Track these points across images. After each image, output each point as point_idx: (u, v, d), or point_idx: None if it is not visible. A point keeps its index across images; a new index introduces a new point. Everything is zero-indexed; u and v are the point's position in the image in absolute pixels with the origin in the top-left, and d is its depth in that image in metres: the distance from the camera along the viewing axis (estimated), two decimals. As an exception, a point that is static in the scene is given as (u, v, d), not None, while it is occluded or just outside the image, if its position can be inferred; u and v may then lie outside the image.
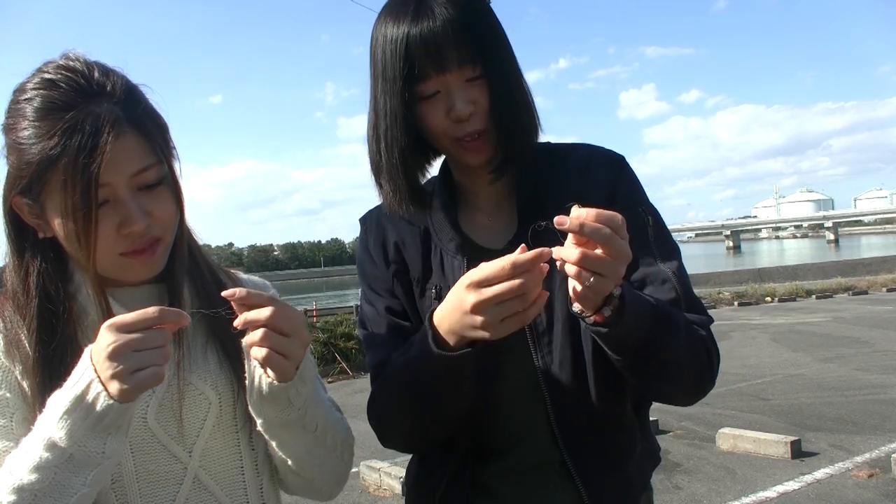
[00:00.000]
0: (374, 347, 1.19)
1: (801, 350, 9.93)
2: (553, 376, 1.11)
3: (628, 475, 1.15)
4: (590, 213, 0.83)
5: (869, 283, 19.88)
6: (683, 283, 1.11)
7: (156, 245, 0.99)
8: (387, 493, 5.04)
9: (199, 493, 1.02)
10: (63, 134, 0.89)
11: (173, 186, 1.01)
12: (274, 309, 0.88)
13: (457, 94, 1.06)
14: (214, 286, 1.10)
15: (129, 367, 0.80)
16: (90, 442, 0.83)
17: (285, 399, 0.96)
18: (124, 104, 0.94)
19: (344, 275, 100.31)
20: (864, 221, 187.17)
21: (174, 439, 1.00)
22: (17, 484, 0.82)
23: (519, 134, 1.11)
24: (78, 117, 0.90)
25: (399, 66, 1.05)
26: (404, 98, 1.07)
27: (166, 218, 0.99)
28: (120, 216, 0.93)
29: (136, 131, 0.94)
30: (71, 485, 0.83)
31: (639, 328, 0.95)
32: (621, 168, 1.19)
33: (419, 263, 1.19)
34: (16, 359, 0.96)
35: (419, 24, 1.03)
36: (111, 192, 0.92)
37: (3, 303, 1.00)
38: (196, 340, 1.07)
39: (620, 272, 0.87)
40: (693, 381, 1.09)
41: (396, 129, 1.09)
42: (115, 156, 0.90)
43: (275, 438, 1.02)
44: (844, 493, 4.47)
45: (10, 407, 0.94)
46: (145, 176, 0.95)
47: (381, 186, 1.16)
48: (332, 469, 1.11)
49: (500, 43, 1.10)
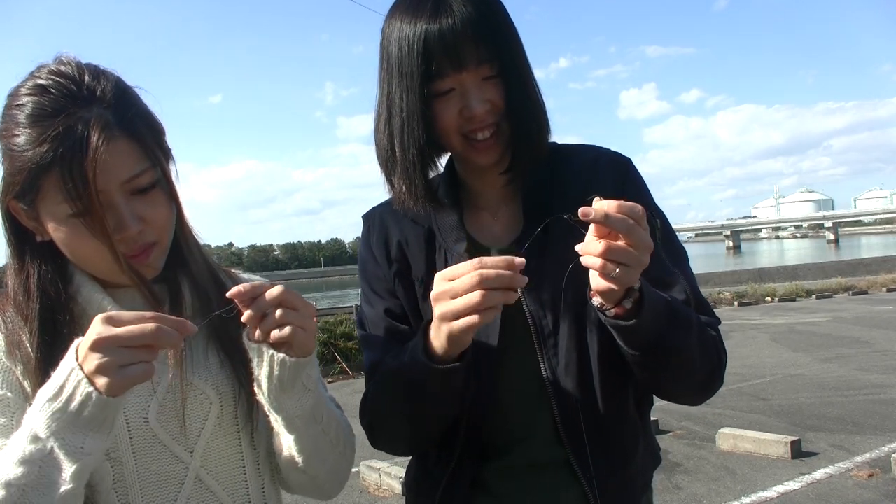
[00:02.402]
0: (370, 349, 1.20)
1: (801, 350, 9.93)
2: (558, 377, 1.11)
3: (631, 475, 1.15)
4: (612, 204, 0.85)
5: (869, 283, 19.87)
6: (692, 285, 1.12)
7: (150, 249, 0.99)
8: (387, 493, 5.03)
9: (200, 493, 1.02)
10: (53, 140, 0.89)
11: (168, 189, 1.01)
12: (282, 286, 0.90)
13: (472, 92, 1.06)
14: (214, 286, 1.10)
15: (116, 361, 0.79)
16: (69, 436, 0.81)
17: (301, 385, 0.96)
18: (115, 108, 0.94)
19: (344, 275, 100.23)
20: (864, 221, 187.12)
21: (175, 439, 1.00)
22: (6, 479, 0.82)
23: (533, 134, 1.11)
24: (67, 123, 0.90)
25: (417, 62, 1.04)
26: (422, 95, 1.06)
27: (161, 222, 0.99)
28: (113, 222, 0.93)
29: (127, 135, 0.93)
30: (55, 481, 0.82)
31: (656, 322, 0.96)
32: (628, 170, 1.19)
33: (422, 263, 1.19)
34: (17, 359, 0.96)
35: (438, 21, 1.03)
36: (104, 198, 0.92)
37: (5, 303, 1.00)
38: (197, 340, 1.07)
39: (645, 261, 0.88)
40: (703, 380, 1.10)
41: (414, 126, 1.08)
42: (107, 161, 0.90)
43: (294, 432, 1.01)
44: (844, 493, 4.47)
45: (10, 406, 0.94)
46: (138, 181, 0.95)
47: (394, 184, 1.15)
48: (335, 465, 1.11)
49: (516, 42, 1.10)
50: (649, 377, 1.08)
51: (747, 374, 8.35)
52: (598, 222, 0.84)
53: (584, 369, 1.11)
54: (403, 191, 1.13)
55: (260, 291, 0.89)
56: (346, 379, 9.98)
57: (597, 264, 0.86)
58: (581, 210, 0.84)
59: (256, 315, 0.90)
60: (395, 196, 1.17)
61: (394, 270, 1.21)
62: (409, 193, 1.13)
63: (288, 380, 0.94)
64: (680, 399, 1.15)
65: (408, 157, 1.10)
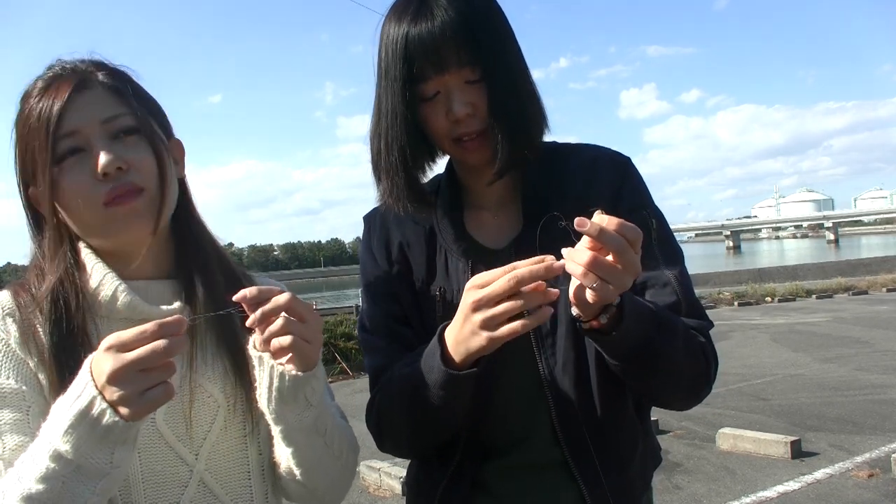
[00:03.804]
0: (372, 352, 1.20)
1: (801, 350, 9.93)
2: (556, 378, 1.11)
3: (630, 476, 1.15)
4: (611, 221, 0.85)
5: (869, 283, 19.87)
6: (685, 287, 1.11)
7: (138, 193, 0.99)
8: (387, 493, 5.03)
9: (204, 497, 1.01)
10: (38, 102, 0.98)
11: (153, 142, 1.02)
12: (290, 294, 0.89)
13: (455, 95, 1.06)
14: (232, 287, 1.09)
15: (137, 389, 0.77)
16: (97, 454, 0.80)
17: (304, 399, 0.95)
18: (106, 74, 1.02)
19: (344, 275, 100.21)
20: (864, 221, 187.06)
21: (181, 441, 1.00)
22: (26, 493, 0.81)
23: (519, 136, 1.10)
24: (51, 86, 0.98)
25: (399, 66, 1.06)
26: (405, 98, 1.07)
27: (144, 167, 1.00)
28: (93, 161, 0.97)
29: (104, 85, 1.00)
30: (80, 493, 0.82)
31: (637, 335, 0.96)
32: (627, 169, 1.19)
33: (423, 265, 1.19)
34: (31, 350, 0.96)
35: (419, 24, 1.04)
36: (82, 140, 0.97)
37: (21, 291, 1.01)
38: (206, 342, 1.06)
39: (626, 284, 0.88)
40: (689, 387, 1.10)
41: (396, 129, 1.10)
42: (81, 104, 0.97)
43: (292, 445, 1.00)
44: (844, 494, 4.47)
45: (25, 400, 0.93)
46: (116, 123, 0.99)
47: (380, 184, 1.17)
48: (337, 477, 1.09)
49: (503, 44, 1.09)
50: (633, 383, 1.09)
51: (747, 374, 8.35)
52: (592, 236, 0.85)
53: (582, 370, 1.11)
54: (386, 191, 1.15)
55: (267, 297, 0.88)
56: (346, 379, 9.98)
57: (578, 272, 0.86)
58: (577, 220, 0.84)
59: (260, 320, 0.88)
60: (381, 195, 1.18)
61: (394, 272, 1.20)
62: (390, 194, 1.15)
63: (288, 393, 0.93)
64: (668, 405, 1.16)
65: (390, 158, 1.12)
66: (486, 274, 0.92)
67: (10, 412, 0.92)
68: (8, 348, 0.96)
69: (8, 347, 0.96)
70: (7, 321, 0.98)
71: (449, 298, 1.15)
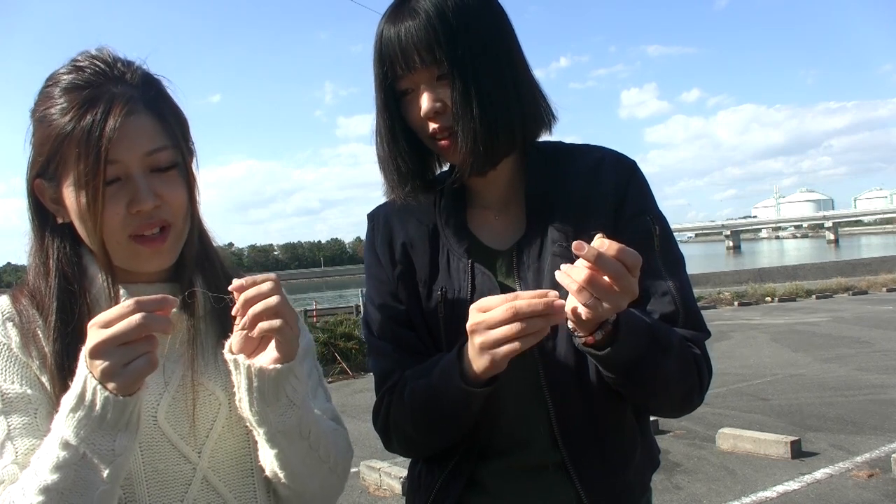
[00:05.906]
0: (379, 356, 1.20)
1: (801, 350, 9.93)
2: (555, 381, 1.11)
3: (628, 479, 1.15)
4: (611, 247, 0.85)
5: (869, 283, 19.88)
6: (684, 295, 1.11)
7: (166, 232, 1.00)
8: (387, 493, 5.03)
9: (207, 495, 1.02)
10: (79, 108, 0.94)
11: (186, 176, 1.02)
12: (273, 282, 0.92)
13: (424, 92, 1.09)
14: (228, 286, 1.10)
15: (119, 362, 0.81)
16: (99, 440, 0.83)
17: (285, 397, 0.95)
18: (141, 88, 0.99)
19: (344, 275, 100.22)
20: (864, 221, 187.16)
21: (184, 439, 1.00)
22: (43, 485, 0.83)
23: (486, 135, 1.08)
24: (94, 94, 0.95)
25: (377, 64, 1.12)
26: (384, 94, 1.13)
27: (177, 203, 1.00)
28: (130, 195, 0.95)
29: (150, 112, 0.98)
30: (92, 482, 0.84)
31: (631, 352, 0.98)
32: (632, 173, 1.18)
33: (426, 265, 1.19)
34: (32, 353, 0.96)
35: (394, 24, 1.08)
36: (122, 170, 0.95)
37: (19, 296, 1.01)
38: (207, 341, 1.07)
39: (622, 305, 0.89)
40: (681, 399, 1.12)
41: (381, 123, 1.16)
42: (128, 133, 0.94)
43: (276, 447, 1.00)
44: (844, 493, 4.47)
45: (32, 403, 0.94)
46: (157, 157, 0.97)
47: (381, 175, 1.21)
48: (324, 481, 1.08)
49: (473, 41, 1.07)
50: (627, 394, 1.10)
51: (747, 374, 8.35)
52: (589, 261, 0.85)
53: (581, 372, 1.11)
54: (384, 182, 1.20)
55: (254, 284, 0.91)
56: (346, 379, 9.97)
57: (573, 289, 0.87)
58: (574, 244, 0.85)
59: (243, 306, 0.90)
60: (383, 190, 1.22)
61: (397, 273, 1.20)
62: (387, 184, 1.19)
63: (269, 391, 0.94)
64: (659, 413, 1.19)
65: (381, 150, 1.18)
66: (489, 300, 0.95)
67: (18, 416, 0.93)
68: (10, 353, 0.96)
69: (10, 352, 0.97)
70: (7, 325, 0.98)
71: (451, 298, 1.15)
